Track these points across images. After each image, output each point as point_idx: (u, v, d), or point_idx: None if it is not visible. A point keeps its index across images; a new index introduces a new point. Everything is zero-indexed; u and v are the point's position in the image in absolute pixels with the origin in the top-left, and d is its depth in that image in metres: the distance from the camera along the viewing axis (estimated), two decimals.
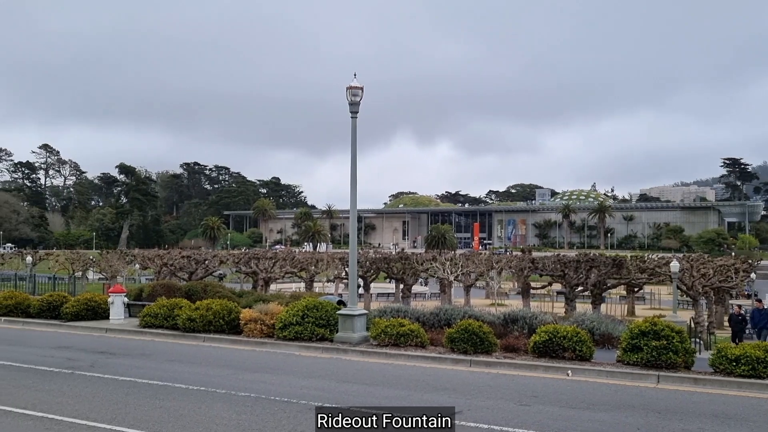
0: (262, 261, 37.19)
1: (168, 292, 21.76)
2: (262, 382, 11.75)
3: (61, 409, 9.47)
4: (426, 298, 43.74)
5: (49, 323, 20.45)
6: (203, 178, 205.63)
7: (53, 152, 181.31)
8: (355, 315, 15.79)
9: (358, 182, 16.47)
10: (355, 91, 15.68)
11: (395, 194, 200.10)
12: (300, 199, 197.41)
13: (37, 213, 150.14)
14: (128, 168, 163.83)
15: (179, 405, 9.85)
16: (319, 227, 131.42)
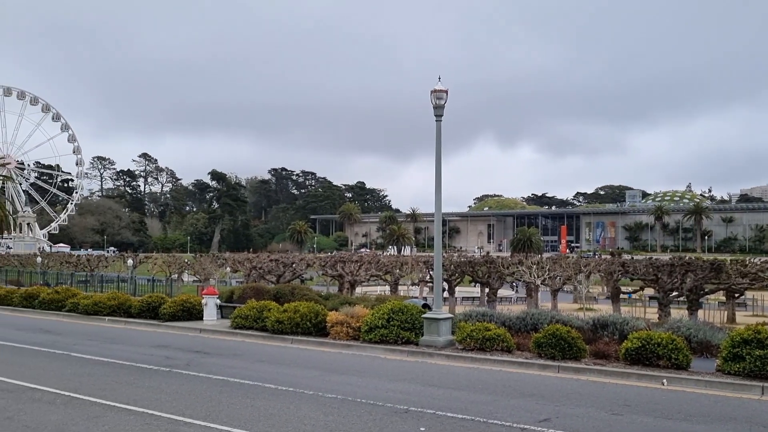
0: (347, 264, 37.68)
1: (257, 294, 22.42)
2: (348, 384, 11.91)
3: (159, 405, 9.93)
4: (512, 302, 43.07)
5: (148, 323, 21.48)
6: (290, 183, 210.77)
7: (152, 161, 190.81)
8: (440, 319, 15.75)
9: (435, 186, 16.44)
10: (439, 94, 15.67)
11: (480, 197, 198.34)
12: (384, 202, 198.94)
13: (137, 218, 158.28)
14: (220, 175, 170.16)
15: (269, 404, 10.13)
16: (404, 231, 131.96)
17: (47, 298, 25.04)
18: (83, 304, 23.56)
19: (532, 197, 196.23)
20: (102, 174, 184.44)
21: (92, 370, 13.03)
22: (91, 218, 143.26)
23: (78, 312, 23.48)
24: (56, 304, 24.66)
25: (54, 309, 24.50)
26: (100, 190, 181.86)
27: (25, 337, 17.95)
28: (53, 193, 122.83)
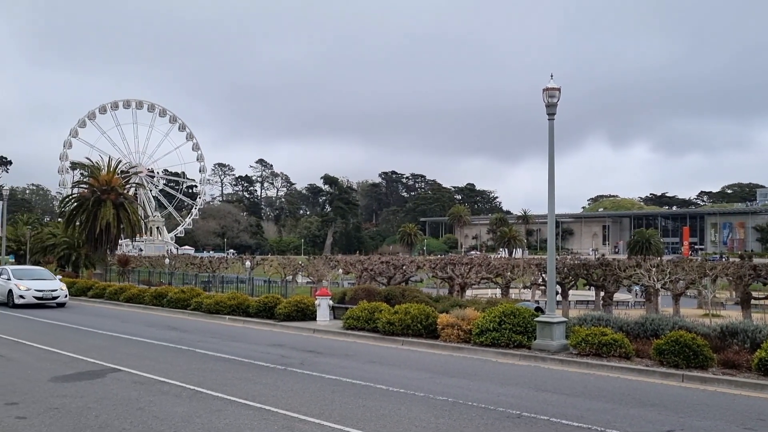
0: (458, 266, 37.48)
1: (368, 295, 22.75)
2: (459, 387, 11.82)
3: (275, 401, 10.27)
4: (629, 307, 41.25)
5: (264, 322, 22.32)
6: (400, 186, 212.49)
7: (267, 166, 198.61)
8: (554, 322, 15.32)
9: (547, 187, 16.00)
10: (551, 92, 15.26)
11: (594, 198, 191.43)
12: (494, 204, 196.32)
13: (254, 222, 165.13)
14: (332, 179, 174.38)
15: (380, 405, 10.23)
16: (515, 233, 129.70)
17: (174, 297, 26.61)
18: (206, 303, 24.85)
19: (650, 197, 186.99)
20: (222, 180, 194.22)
21: (214, 365, 13.69)
22: (213, 222, 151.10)
23: (201, 311, 24.79)
24: (182, 303, 26.16)
25: (180, 307, 26.00)
26: (220, 195, 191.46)
27: (155, 333, 19.14)
28: (179, 199, 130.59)
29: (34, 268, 32.72)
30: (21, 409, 9.54)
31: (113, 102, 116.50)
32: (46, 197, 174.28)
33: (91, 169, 43.22)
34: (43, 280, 28.22)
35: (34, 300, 26.73)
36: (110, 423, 8.84)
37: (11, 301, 26.97)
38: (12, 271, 28.47)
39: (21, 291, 26.81)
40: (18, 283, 27.13)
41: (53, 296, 27.31)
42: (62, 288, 28.03)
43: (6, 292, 27.32)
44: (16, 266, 30.45)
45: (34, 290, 26.89)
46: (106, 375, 12.36)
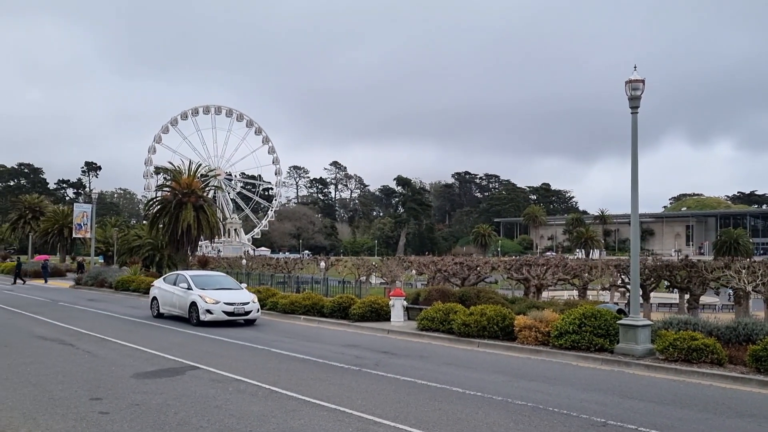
0: (533, 267, 36.59)
1: (443, 296, 22.44)
2: (538, 391, 11.39)
3: (350, 403, 10.15)
4: (715, 310, 39.30)
5: (339, 322, 22.36)
6: (474, 186, 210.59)
7: (341, 168, 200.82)
8: (638, 325, 14.61)
9: (630, 184, 15.28)
10: (635, 84, 14.56)
11: (676, 197, 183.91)
12: (571, 204, 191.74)
13: (328, 223, 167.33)
14: (405, 180, 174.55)
15: (456, 408, 9.94)
16: (592, 233, 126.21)
17: None
18: (281, 303, 25.15)
19: (737, 196, 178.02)
20: (297, 182, 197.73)
21: (289, 365, 13.74)
22: (288, 224, 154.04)
23: (277, 310, 25.10)
24: (259, 302, 26.52)
25: None
26: (296, 197, 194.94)
27: (232, 332, 19.44)
28: (256, 201, 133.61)
29: (211, 273, 26.32)
30: (104, 405, 9.78)
31: (194, 108, 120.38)
32: (133, 200, 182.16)
33: (173, 173, 44.62)
34: (229, 290, 22.25)
35: (224, 316, 21.01)
36: (188, 420, 8.93)
37: (194, 317, 21.23)
38: (192, 279, 22.64)
39: (208, 305, 20.94)
40: (203, 295, 21.28)
41: (245, 311, 21.44)
42: (254, 300, 22.14)
43: (187, 305, 21.75)
44: (193, 272, 24.95)
45: (223, 303, 21.02)
46: (185, 372, 12.58)
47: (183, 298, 22.05)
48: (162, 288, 23.70)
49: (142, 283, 35.63)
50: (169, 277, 24.38)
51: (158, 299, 23.53)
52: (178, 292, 22.43)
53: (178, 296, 22.39)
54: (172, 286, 23.06)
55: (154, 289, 24.28)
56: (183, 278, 22.84)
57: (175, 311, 22.60)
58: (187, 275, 23.05)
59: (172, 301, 22.66)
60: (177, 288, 22.59)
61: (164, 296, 23.24)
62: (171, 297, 22.79)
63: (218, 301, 21.00)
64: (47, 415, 9.14)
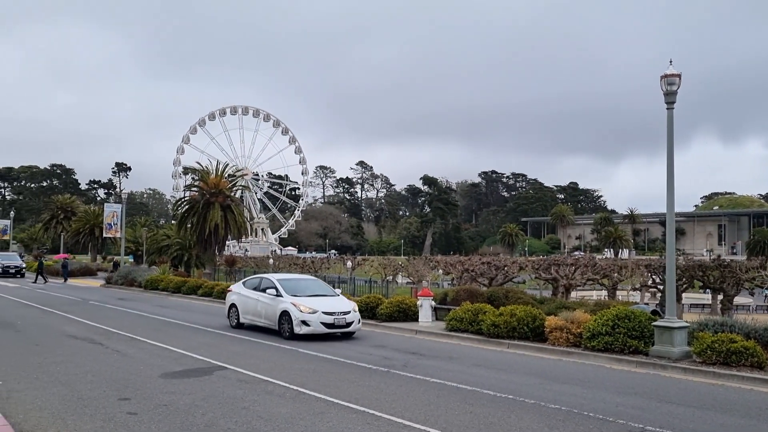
0: (562, 267, 36.07)
1: (471, 296, 22.16)
2: (571, 394, 11.10)
3: (379, 405, 9.97)
4: (750, 311, 38.32)
5: (366, 322, 22.12)
6: (500, 185, 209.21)
7: (368, 168, 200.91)
8: (674, 327, 14.20)
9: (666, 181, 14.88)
10: (671, 79, 14.15)
11: (707, 195, 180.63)
12: (599, 203, 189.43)
13: (355, 223, 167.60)
14: (431, 179, 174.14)
15: (488, 412, 9.71)
16: (621, 232, 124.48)
17: None
18: None
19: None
20: (324, 182, 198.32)
21: (317, 366, 13.60)
22: (315, 223, 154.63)
23: None
24: None
25: None
26: (322, 197, 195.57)
27: (260, 332, 19.40)
28: (283, 201, 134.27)
29: (301, 277, 22.57)
30: (132, 405, 9.73)
31: (221, 109, 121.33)
32: (162, 201, 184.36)
33: (201, 174, 44.88)
34: (324, 297, 18.86)
35: (323, 329, 17.62)
36: (216, 422, 8.83)
37: (286, 328, 17.86)
38: (281, 283, 19.22)
39: (304, 314, 17.56)
40: (297, 302, 17.90)
41: (346, 322, 18.02)
42: (354, 309, 18.67)
43: (276, 314, 18.38)
44: (281, 275, 21.43)
45: (321, 313, 17.65)
46: (213, 373, 12.52)
47: (271, 306, 18.64)
48: (242, 294, 20.34)
49: (171, 283, 35.90)
50: (250, 281, 21.03)
51: (238, 307, 20.23)
52: (264, 299, 19.05)
53: (264, 304, 19.02)
54: (255, 291, 19.74)
55: (232, 295, 20.89)
56: (270, 283, 19.41)
57: (259, 321, 19.32)
58: (274, 279, 19.62)
59: (256, 310, 19.39)
60: (263, 294, 19.20)
61: (246, 303, 19.90)
62: (255, 305, 19.48)
63: (315, 311, 17.63)
64: (75, 415, 9.11)
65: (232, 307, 20.54)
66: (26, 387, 10.92)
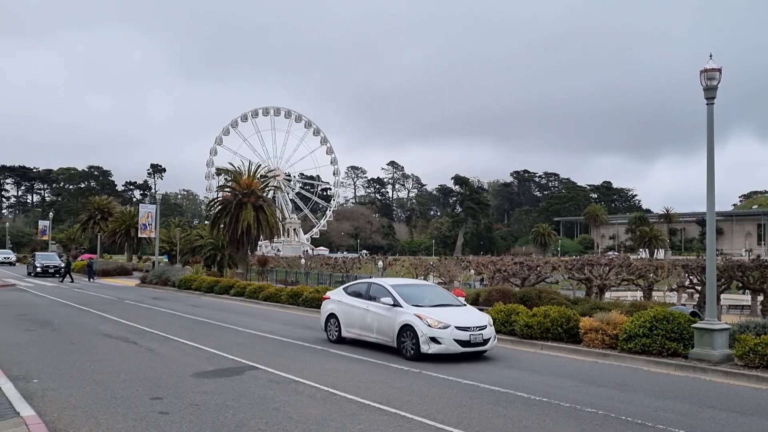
0: (596, 267, 35.50)
1: (503, 297, 21.90)
2: (608, 398, 10.82)
3: (411, 407, 9.83)
4: None
5: None
6: (533, 185, 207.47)
7: (399, 168, 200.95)
8: (715, 329, 13.78)
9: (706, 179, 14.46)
10: (711, 74, 13.72)
11: (746, 194, 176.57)
12: (633, 203, 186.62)
13: (386, 223, 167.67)
14: (462, 179, 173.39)
15: (522, 415, 9.50)
16: (656, 232, 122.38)
17: (309, 297, 27.09)
18: None
19: None
20: (355, 182, 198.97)
21: (348, 367, 13.51)
22: (346, 223, 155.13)
23: None
24: (316, 302, 26.45)
25: (314, 306, 26.32)
26: (353, 197, 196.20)
27: (291, 332, 19.43)
28: (314, 201, 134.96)
29: (416, 282, 19.23)
30: (164, 404, 9.75)
31: (254, 110, 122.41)
32: (195, 201, 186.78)
33: (233, 174, 45.25)
34: (450, 307, 15.50)
35: (458, 347, 14.27)
36: (246, 422, 8.78)
37: (409, 346, 14.53)
38: (396, 289, 15.83)
39: (433, 330, 14.22)
40: (423, 314, 14.59)
41: (483, 339, 14.68)
42: (490, 323, 15.30)
43: (394, 328, 15.05)
44: (393, 280, 17.73)
45: (454, 328, 14.33)
46: (244, 372, 12.51)
47: (386, 318, 15.40)
48: (345, 302, 17.03)
49: (203, 282, 36.24)
50: (353, 287, 17.67)
51: (339, 317, 17.00)
52: (375, 309, 15.83)
53: (375, 315, 15.78)
54: (362, 300, 16.50)
55: (331, 304, 17.59)
56: (381, 290, 16.11)
57: (368, 336, 16.04)
58: (388, 285, 16.23)
59: (365, 322, 16.08)
60: (373, 303, 16.02)
61: (350, 314, 16.67)
62: (363, 316, 16.18)
63: (447, 325, 14.31)
64: (108, 414, 9.16)
65: (331, 318, 17.36)
66: (61, 385, 11.04)
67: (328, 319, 17.55)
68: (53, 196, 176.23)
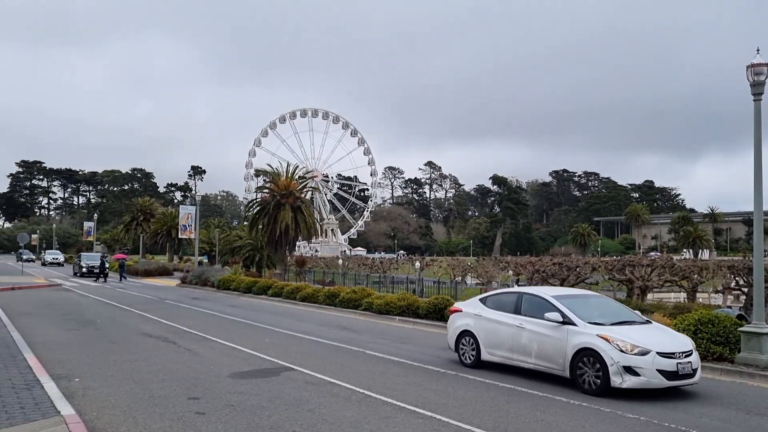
0: (637, 268, 34.76)
1: None
2: (650, 403, 10.52)
3: (447, 410, 9.72)
4: None
5: (434, 324, 21.91)
6: (572, 184, 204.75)
7: (436, 168, 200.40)
8: (762, 333, 13.32)
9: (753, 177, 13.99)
10: (758, 69, 13.26)
11: None
12: (676, 202, 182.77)
13: (423, 223, 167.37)
14: (500, 179, 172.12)
15: (561, 420, 9.30)
16: (700, 232, 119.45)
17: (346, 297, 27.12)
18: (376, 304, 25.00)
19: None
20: (392, 183, 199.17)
21: (384, 368, 13.45)
22: (384, 224, 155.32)
23: (371, 311, 24.97)
24: (353, 303, 26.58)
25: (351, 307, 26.43)
26: (391, 197, 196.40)
27: (327, 333, 19.46)
28: (352, 202, 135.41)
29: (582, 293, 14.76)
30: (201, 405, 9.82)
31: (291, 112, 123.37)
32: (234, 202, 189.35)
33: (272, 176, 45.64)
34: (634, 325, 12.20)
35: (662, 380, 11.02)
36: (281, 424, 8.79)
37: (590, 377, 11.41)
38: (562, 302, 12.47)
39: (628, 356, 11.04)
40: (608, 335, 11.41)
41: (693, 369, 11.40)
42: (693, 346, 11.98)
43: (567, 353, 11.79)
44: (554, 290, 14.47)
45: (656, 354, 11.07)
46: (279, 373, 12.54)
47: (551, 339, 12.02)
48: (485, 317, 13.68)
49: (242, 283, 36.61)
50: (496, 299, 14.08)
51: (477, 335, 13.68)
52: (533, 327, 12.43)
53: (534, 334, 12.38)
54: (511, 314, 13.08)
55: (464, 318, 14.29)
56: (539, 302, 12.70)
57: (523, 361, 12.62)
58: (548, 296, 12.72)
59: (519, 343, 12.67)
60: (530, 320, 12.58)
61: (495, 332, 13.29)
62: (515, 335, 12.76)
63: (646, 350, 11.05)
64: (146, 414, 9.26)
65: (466, 335, 14.06)
66: (101, 385, 11.22)
67: (460, 337, 14.23)
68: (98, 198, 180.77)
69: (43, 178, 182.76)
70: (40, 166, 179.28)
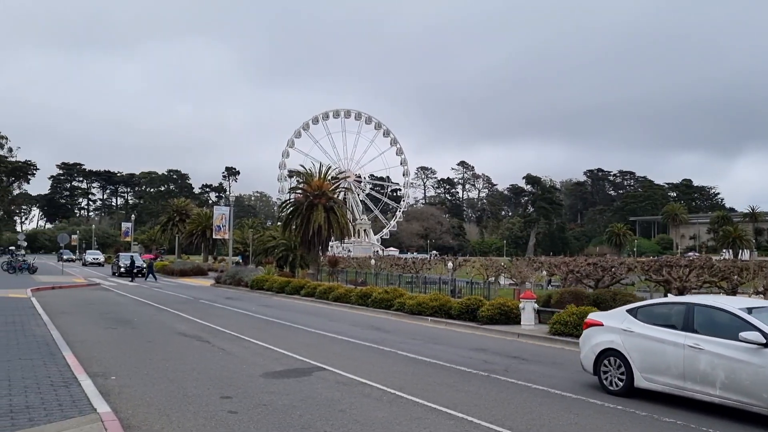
0: (675, 269, 34.06)
1: (576, 299, 21.29)
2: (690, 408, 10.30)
3: (478, 412, 9.64)
4: None
5: (466, 325, 21.82)
6: (607, 184, 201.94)
7: (469, 168, 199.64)
8: None
9: None
10: None
11: None
12: (715, 201, 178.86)
13: (456, 223, 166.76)
14: (534, 178, 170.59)
15: (595, 423, 9.16)
16: (740, 232, 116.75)
17: (378, 298, 27.14)
18: (408, 304, 24.97)
19: None
20: (425, 183, 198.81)
21: (415, 369, 13.41)
22: (416, 224, 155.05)
23: (404, 311, 24.95)
24: (385, 303, 26.58)
25: (383, 307, 26.44)
26: (423, 197, 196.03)
27: (359, 333, 19.49)
28: (384, 202, 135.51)
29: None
30: (233, 404, 9.91)
31: (324, 113, 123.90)
32: (268, 203, 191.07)
33: (305, 176, 45.89)
34: None
35: None
36: (312, 424, 8.82)
37: None
38: (759, 316, 9.61)
39: None
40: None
41: None
42: None
43: (763, 383, 9.00)
44: (741, 301, 11.29)
45: None
46: (311, 373, 12.59)
47: (746, 366, 9.27)
48: (638, 333, 10.99)
49: (275, 283, 36.92)
50: (652, 310, 11.27)
51: (628, 356, 11.00)
52: (715, 349, 9.72)
53: (717, 359, 9.65)
54: (678, 331, 10.40)
55: (607, 334, 11.53)
56: (721, 315, 10.05)
57: (699, 392, 9.91)
58: (735, 309, 9.92)
59: (695, 369, 9.93)
60: (708, 339, 9.89)
61: (655, 353, 10.60)
62: (689, 358, 10.01)
63: None
64: (179, 412, 9.38)
65: (610, 356, 11.35)
66: (137, 383, 11.40)
67: (600, 356, 11.52)
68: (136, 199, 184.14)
69: (83, 180, 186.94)
70: (80, 168, 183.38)
